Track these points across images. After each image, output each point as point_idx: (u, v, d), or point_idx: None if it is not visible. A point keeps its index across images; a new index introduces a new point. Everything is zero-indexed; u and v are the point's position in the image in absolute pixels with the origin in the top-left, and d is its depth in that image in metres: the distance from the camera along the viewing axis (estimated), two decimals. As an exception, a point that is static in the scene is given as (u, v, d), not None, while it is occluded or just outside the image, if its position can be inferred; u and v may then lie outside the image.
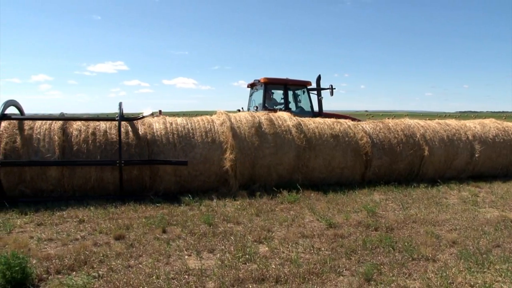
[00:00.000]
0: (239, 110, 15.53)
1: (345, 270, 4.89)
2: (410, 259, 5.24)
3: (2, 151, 7.98)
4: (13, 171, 8.05)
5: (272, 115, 10.07)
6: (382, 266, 4.96)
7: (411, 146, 10.68)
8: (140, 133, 8.77)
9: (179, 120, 9.37)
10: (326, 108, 15.97)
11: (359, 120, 12.79)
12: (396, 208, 7.98)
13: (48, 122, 8.62)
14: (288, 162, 9.45)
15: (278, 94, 15.94)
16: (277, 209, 7.74)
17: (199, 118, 9.64)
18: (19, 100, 9.46)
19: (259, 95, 15.69)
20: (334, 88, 15.92)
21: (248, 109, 15.89)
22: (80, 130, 8.57)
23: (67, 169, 8.23)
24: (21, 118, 8.74)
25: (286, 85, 15.42)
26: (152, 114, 9.26)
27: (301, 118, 10.39)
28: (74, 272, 4.76)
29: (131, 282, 4.40)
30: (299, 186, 9.04)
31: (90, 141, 8.46)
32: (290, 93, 15.96)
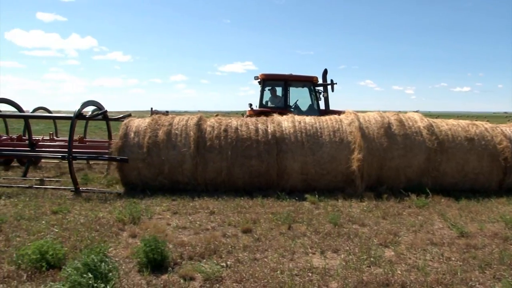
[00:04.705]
0: (250, 105, 14.26)
1: (478, 284, 4.55)
2: (560, 280, 4.72)
3: (146, 145, 8.78)
4: (154, 163, 8.81)
5: (402, 115, 9.77)
6: (523, 284, 4.56)
7: (562, 153, 9.62)
8: (269, 131, 9.06)
9: (308, 119, 9.49)
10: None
11: None
12: (541, 221, 7.26)
13: (185, 118, 9.30)
14: (417, 164, 9.10)
15: (292, 92, 14.60)
16: (404, 213, 7.51)
17: (327, 117, 9.68)
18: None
19: (267, 92, 14.59)
20: (335, 83, 14.47)
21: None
22: (213, 127, 9.10)
23: (201, 163, 8.79)
24: None
25: (287, 81, 14.21)
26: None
27: (433, 120, 9.94)
28: (204, 260, 5.05)
29: (256, 275, 4.56)
30: (428, 191, 8.65)
31: (222, 137, 8.94)
32: (299, 90, 14.83)
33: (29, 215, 6.90)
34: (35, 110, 13.93)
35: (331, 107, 14.42)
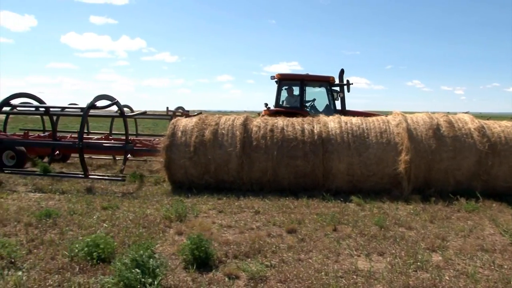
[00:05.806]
0: (266, 104, 14.15)
1: (532, 293, 4.42)
2: None
3: (192, 144, 8.95)
4: (201, 162, 8.96)
5: (452, 117, 9.52)
6: None
7: None
8: (315, 131, 9.03)
9: (354, 119, 9.40)
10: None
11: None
12: None
13: (232, 118, 9.41)
14: (467, 167, 8.83)
15: (311, 92, 14.55)
16: (453, 217, 7.31)
17: (374, 118, 9.56)
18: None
19: (284, 92, 14.42)
20: (352, 84, 14.20)
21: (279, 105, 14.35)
22: (259, 127, 9.15)
23: (247, 163, 8.86)
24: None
25: (303, 81, 14.04)
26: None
27: (485, 121, 9.62)
28: (249, 259, 5.10)
29: (300, 275, 4.57)
30: (478, 195, 8.39)
31: (268, 137, 8.98)
32: (315, 89, 14.64)
33: (81, 210, 7.17)
34: None
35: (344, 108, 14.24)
